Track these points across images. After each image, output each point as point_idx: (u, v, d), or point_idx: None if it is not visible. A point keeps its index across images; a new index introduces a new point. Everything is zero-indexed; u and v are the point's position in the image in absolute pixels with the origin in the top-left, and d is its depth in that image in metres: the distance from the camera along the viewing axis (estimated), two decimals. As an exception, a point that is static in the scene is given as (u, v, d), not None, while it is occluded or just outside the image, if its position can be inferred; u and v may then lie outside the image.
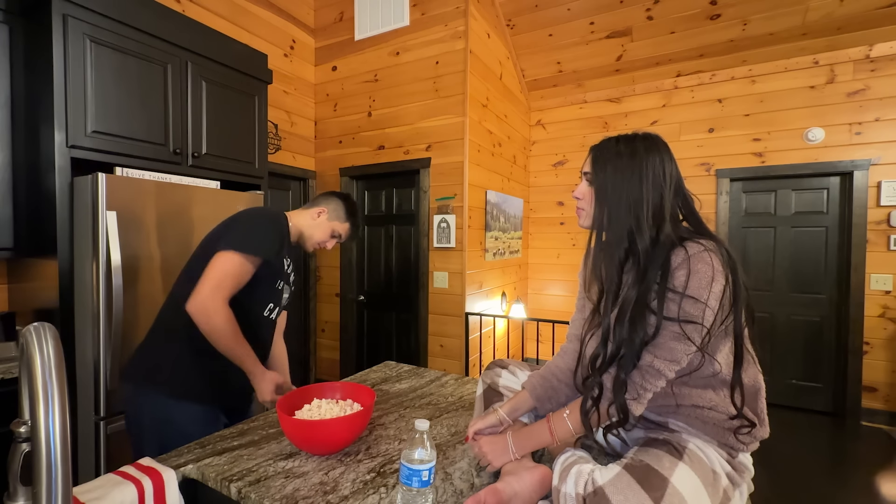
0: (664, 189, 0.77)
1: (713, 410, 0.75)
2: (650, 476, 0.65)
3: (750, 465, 0.76)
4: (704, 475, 0.68)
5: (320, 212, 1.35)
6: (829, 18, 2.82)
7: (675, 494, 0.62)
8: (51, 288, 1.57)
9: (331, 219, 1.36)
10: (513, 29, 3.41)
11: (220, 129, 2.03)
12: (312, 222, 1.35)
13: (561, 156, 4.02)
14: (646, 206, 0.76)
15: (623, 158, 0.80)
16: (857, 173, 2.99)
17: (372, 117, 3.19)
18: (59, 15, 1.50)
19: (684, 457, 0.70)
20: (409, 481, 0.72)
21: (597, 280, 0.84)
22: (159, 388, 1.14)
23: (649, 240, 0.75)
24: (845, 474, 2.37)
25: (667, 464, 0.67)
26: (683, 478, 0.65)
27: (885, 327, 2.96)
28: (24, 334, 0.39)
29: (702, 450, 0.73)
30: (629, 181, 0.78)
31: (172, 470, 0.83)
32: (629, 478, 0.65)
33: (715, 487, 0.68)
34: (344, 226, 1.38)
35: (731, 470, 0.73)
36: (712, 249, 0.72)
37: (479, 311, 3.00)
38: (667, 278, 0.72)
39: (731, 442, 0.75)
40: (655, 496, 0.62)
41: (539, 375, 0.94)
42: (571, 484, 0.68)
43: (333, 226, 1.36)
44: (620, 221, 0.77)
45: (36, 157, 1.60)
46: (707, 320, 0.70)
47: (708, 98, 3.43)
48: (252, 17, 2.89)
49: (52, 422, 0.35)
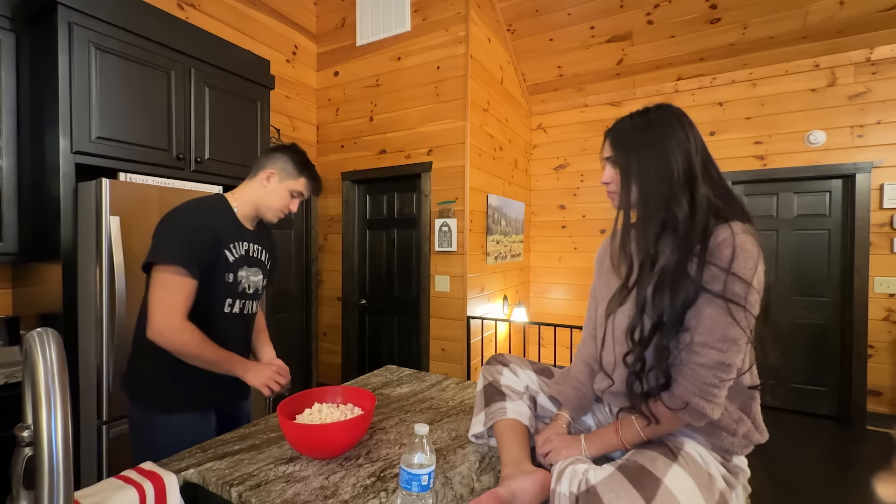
0: (690, 151, 0.77)
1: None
2: (643, 476, 0.65)
3: (745, 467, 0.76)
4: (699, 477, 0.68)
5: (269, 175, 1.22)
6: (830, 21, 2.82)
7: (667, 494, 0.62)
8: (54, 292, 1.59)
9: (283, 179, 1.22)
10: (513, 34, 3.42)
11: (223, 134, 2.05)
12: (263, 190, 1.22)
13: (562, 159, 4.02)
14: (675, 172, 0.75)
15: (640, 131, 0.80)
16: (860, 176, 2.98)
17: (373, 122, 3.21)
18: (65, 23, 1.52)
19: (679, 458, 0.69)
20: (409, 486, 0.72)
21: (626, 259, 0.82)
22: (143, 399, 1.14)
23: (687, 205, 0.74)
24: (850, 479, 2.35)
25: (660, 465, 0.67)
26: (677, 479, 0.65)
27: (889, 330, 2.94)
28: (28, 339, 0.39)
29: (698, 452, 0.73)
30: (652, 151, 0.77)
31: (174, 474, 0.83)
32: (622, 478, 0.65)
33: (710, 490, 0.68)
34: (300, 181, 1.24)
35: (727, 473, 0.73)
36: (753, 233, 0.71)
37: (481, 315, 3.00)
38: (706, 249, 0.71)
39: (725, 445, 0.75)
40: (647, 496, 0.62)
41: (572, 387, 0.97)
42: (566, 483, 0.69)
43: (288, 185, 1.23)
44: (653, 193, 0.77)
45: (41, 162, 1.61)
46: (752, 305, 0.69)
47: (709, 101, 3.44)
48: (255, 23, 2.92)
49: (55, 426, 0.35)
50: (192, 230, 1.10)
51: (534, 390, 1.03)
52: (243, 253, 1.22)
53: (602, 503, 0.63)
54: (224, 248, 1.17)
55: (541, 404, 1.02)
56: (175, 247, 1.07)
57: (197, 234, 1.10)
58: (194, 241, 1.09)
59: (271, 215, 1.24)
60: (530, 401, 1.00)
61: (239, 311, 1.23)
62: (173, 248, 1.07)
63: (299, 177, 1.24)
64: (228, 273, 1.18)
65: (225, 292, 1.18)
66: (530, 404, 0.99)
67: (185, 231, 1.10)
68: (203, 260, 1.11)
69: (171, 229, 1.10)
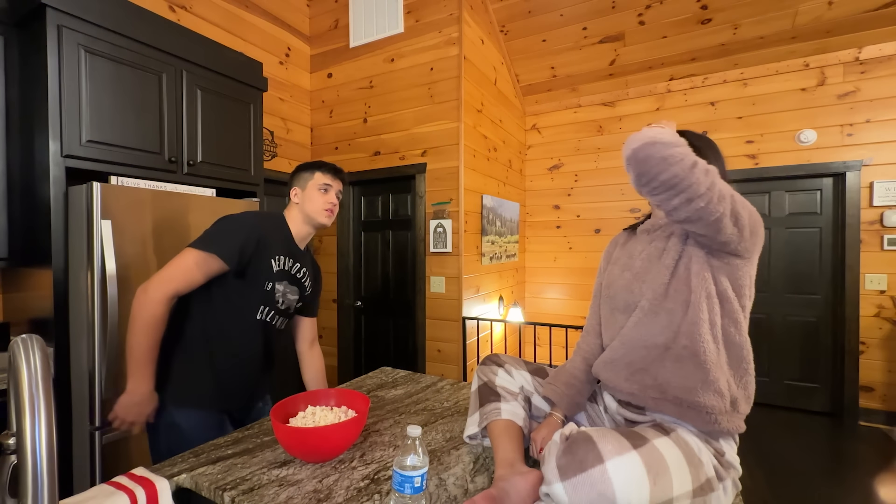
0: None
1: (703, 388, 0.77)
2: (633, 435, 0.68)
3: (737, 465, 0.77)
4: (688, 455, 0.70)
5: (294, 192, 1.32)
6: (819, 22, 2.85)
7: (653, 450, 0.65)
8: (45, 297, 1.57)
9: (304, 187, 1.31)
10: (507, 35, 3.43)
11: (216, 136, 2.04)
12: (299, 202, 1.31)
13: (556, 159, 4.04)
14: None
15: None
16: (850, 174, 3.01)
17: (367, 123, 3.20)
18: (54, 25, 1.51)
19: (671, 435, 0.72)
20: (402, 488, 0.72)
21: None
22: (163, 393, 1.16)
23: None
24: (843, 475, 2.37)
25: (651, 434, 0.70)
26: (666, 446, 0.68)
27: (880, 327, 2.97)
28: (12, 346, 0.39)
29: (692, 439, 0.75)
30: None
31: (166, 479, 0.83)
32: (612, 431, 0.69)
33: (697, 469, 0.69)
34: (316, 176, 1.30)
35: (718, 465, 0.74)
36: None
37: (477, 316, 3.00)
38: None
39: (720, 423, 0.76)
40: (635, 444, 0.65)
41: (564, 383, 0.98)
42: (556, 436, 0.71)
43: (311, 187, 1.30)
44: None
45: (30, 166, 1.60)
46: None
47: (701, 101, 3.46)
48: (247, 25, 2.91)
49: (38, 434, 0.35)
50: (242, 228, 1.17)
51: (528, 391, 1.03)
52: (287, 268, 1.28)
53: (591, 440, 0.65)
54: (270, 258, 1.23)
55: (535, 405, 1.03)
56: (216, 237, 1.14)
57: (245, 233, 1.17)
58: (240, 237, 1.16)
59: (321, 217, 1.30)
60: (525, 401, 1.01)
61: (269, 321, 1.27)
62: (213, 237, 1.14)
63: (314, 173, 1.30)
64: (269, 282, 1.23)
65: (261, 299, 1.23)
66: (525, 405, 1.00)
67: (234, 228, 1.17)
68: (245, 256, 1.16)
69: (221, 224, 1.18)
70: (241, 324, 1.22)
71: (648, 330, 0.83)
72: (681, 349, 0.79)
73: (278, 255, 1.25)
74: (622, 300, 0.89)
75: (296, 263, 1.31)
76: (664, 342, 0.81)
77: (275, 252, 1.24)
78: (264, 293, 1.23)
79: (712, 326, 0.78)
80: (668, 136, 0.67)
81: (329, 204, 1.30)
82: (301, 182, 1.31)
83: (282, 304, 1.29)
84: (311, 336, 1.47)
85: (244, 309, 1.22)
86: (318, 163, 1.32)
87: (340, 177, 1.34)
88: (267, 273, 1.23)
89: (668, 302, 0.81)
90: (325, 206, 1.29)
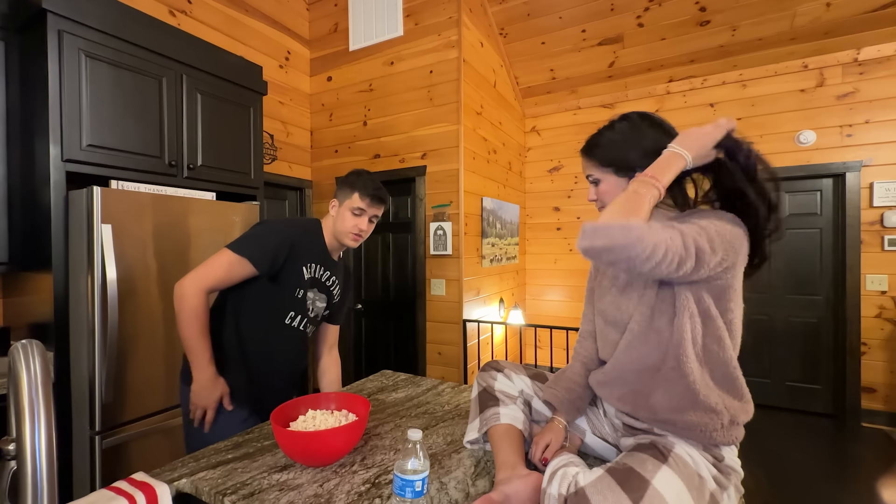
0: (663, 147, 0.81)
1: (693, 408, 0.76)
2: (631, 478, 0.65)
3: (738, 468, 0.77)
4: (689, 479, 0.68)
5: (333, 204, 1.32)
6: (817, 23, 2.86)
7: (655, 496, 0.63)
8: (46, 302, 1.57)
9: (342, 201, 1.29)
10: (506, 37, 3.44)
11: (216, 140, 2.04)
12: (333, 216, 1.31)
13: (556, 161, 4.04)
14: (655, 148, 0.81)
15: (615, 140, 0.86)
16: (850, 175, 3.01)
17: (367, 126, 3.21)
18: (55, 31, 1.51)
19: (669, 460, 0.70)
20: (403, 492, 0.72)
21: None
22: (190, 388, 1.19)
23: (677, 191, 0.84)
24: (846, 476, 2.36)
25: (650, 466, 0.67)
26: (666, 480, 0.66)
27: (881, 328, 2.97)
28: (12, 352, 0.39)
29: (688, 454, 0.73)
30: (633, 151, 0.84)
31: (166, 484, 0.82)
32: (610, 479, 0.66)
33: (700, 491, 0.68)
34: (353, 197, 1.26)
35: (718, 473, 0.73)
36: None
37: (477, 318, 3.00)
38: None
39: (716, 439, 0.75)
40: (635, 497, 0.62)
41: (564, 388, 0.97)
42: (556, 485, 0.69)
43: (347, 206, 1.27)
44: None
45: (31, 171, 1.60)
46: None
47: (700, 102, 3.47)
48: (247, 29, 2.92)
49: (38, 439, 0.35)
50: (276, 235, 1.20)
51: (528, 395, 1.03)
52: (318, 276, 1.29)
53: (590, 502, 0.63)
54: (302, 265, 1.24)
55: (535, 408, 1.03)
56: (250, 241, 1.18)
57: (278, 240, 1.19)
58: (273, 244, 1.18)
59: (347, 240, 1.29)
60: (525, 405, 1.01)
61: (298, 327, 1.29)
62: (247, 242, 1.18)
63: (352, 193, 1.27)
64: (300, 289, 1.25)
65: (291, 305, 1.25)
66: (525, 409, 0.99)
67: (268, 234, 1.21)
68: (277, 264, 1.19)
69: (256, 230, 1.22)
70: (272, 328, 1.24)
71: (639, 352, 0.82)
72: (669, 370, 0.78)
73: (310, 262, 1.26)
74: (612, 316, 0.88)
75: (326, 271, 1.31)
76: (654, 363, 0.80)
77: (306, 259, 1.25)
78: (294, 300, 1.25)
79: (695, 345, 0.76)
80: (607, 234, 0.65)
81: (357, 229, 1.27)
82: (341, 196, 1.30)
83: (311, 311, 1.31)
84: (332, 341, 1.49)
85: (274, 314, 1.24)
86: (363, 181, 1.27)
87: (379, 203, 1.29)
88: (298, 280, 1.24)
89: (656, 321, 0.80)
90: (354, 230, 1.27)
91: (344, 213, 1.27)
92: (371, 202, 1.27)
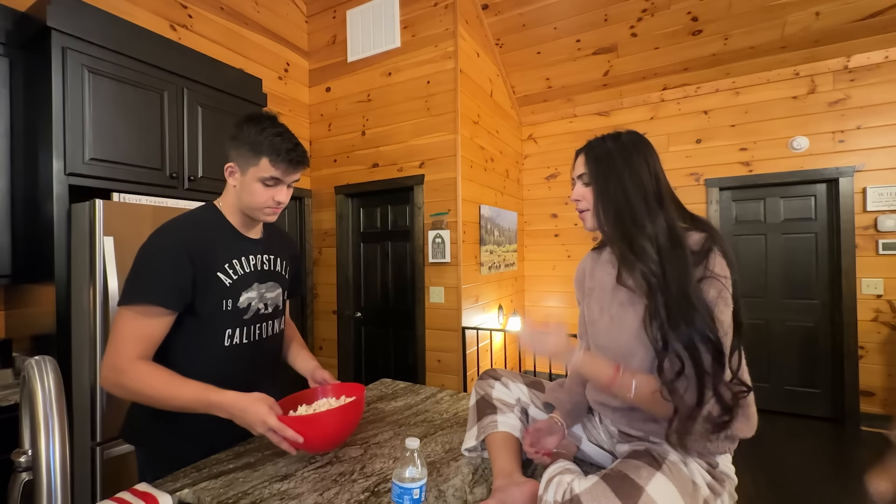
0: (659, 174, 0.83)
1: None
2: (625, 485, 0.66)
3: (732, 475, 0.78)
4: (683, 486, 0.69)
5: (230, 170, 1.00)
6: (807, 32, 2.91)
7: (649, 503, 0.64)
8: (48, 314, 1.59)
9: (244, 169, 0.98)
10: (501, 47, 3.49)
11: (216, 152, 2.07)
12: (234, 189, 1.01)
13: (553, 169, 4.08)
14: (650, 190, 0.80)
15: (615, 151, 0.84)
16: (843, 180, 3.05)
17: (366, 136, 3.25)
18: (59, 48, 1.55)
19: (663, 467, 0.71)
20: (401, 500, 0.73)
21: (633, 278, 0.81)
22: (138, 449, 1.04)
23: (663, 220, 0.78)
24: (846, 480, 2.36)
25: (644, 473, 0.68)
26: (659, 487, 0.67)
27: (878, 331, 2.98)
28: (26, 367, 0.41)
29: (683, 461, 0.75)
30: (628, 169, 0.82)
31: (168, 495, 0.84)
32: (605, 486, 0.67)
33: (694, 498, 0.69)
34: (263, 164, 0.96)
35: (712, 480, 0.75)
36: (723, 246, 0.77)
37: (476, 325, 3.01)
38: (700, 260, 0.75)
39: (711, 448, 0.76)
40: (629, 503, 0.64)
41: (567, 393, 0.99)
42: (551, 493, 0.71)
43: (254, 175, 0.97)
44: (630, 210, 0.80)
45: (34, 184, 1.63)
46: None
47: (694, 110, 3.51)
48: (247, 42, 2.96)
49: (53, 454, 0.37)
50: (167, 256, 0.93)
51: (525, 402, 1.05)
52: (249, 270, 1.04)
53: None
54: (216, 272, 0.98)
55: (532, 416, 1.04)
56: (142, 282, 0.91)
57: (173, 261, 0.92)
58: (169, 270, 0.92)
59: (261, 216, 1.02)
60: (522, 413, 1.02)
61: (248, 339, 1.05)
62: (137, 283, 0.91)
63: (259, 158, 0.96)
64: (226, 299, 0.99)
65: (223, 322, 1.00)
66: (521, 416, 1.01)
67: (156, 261, 0.92)
68: (186, 290, 0.94)
69: (141, 263, 0.93)
70: (209, 357, 1.00)
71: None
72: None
73: (227, 262, 1.00)
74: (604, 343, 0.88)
75: (259, 257, 1.07)
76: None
77: (221, 262, 0.99)
78: (224, 314, 1.00)
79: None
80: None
81: (275, 203, 1.00)
82: (240, 160, 0.98)
83: (266, 307, 1.08)
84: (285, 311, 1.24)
85: (205, 341, 0.99)
86: (270, 140, 0.96)
87: (297, 167, 1.00)
88: (219, 291, 0.98)
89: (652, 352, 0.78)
90: (269, 203, 1.00)
91: (252, 186, 0.98)
92: (288, 168, 0.98)
